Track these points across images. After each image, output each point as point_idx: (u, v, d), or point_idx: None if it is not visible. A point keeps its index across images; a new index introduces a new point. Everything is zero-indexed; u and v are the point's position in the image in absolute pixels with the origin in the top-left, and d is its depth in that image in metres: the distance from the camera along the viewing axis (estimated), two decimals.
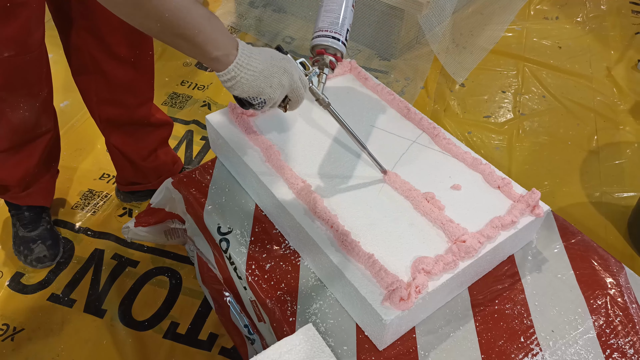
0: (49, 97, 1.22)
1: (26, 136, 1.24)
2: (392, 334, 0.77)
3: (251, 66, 0.74)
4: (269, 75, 0.76)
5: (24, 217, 1.41)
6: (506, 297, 0.85)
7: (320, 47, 0.88)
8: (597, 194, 1.64)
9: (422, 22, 1.89)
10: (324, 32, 0.88)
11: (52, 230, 1.44)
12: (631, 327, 0.82)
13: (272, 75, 0.76)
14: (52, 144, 1.33)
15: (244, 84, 0.75)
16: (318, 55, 0.88)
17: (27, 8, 0.99)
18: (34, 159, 1.29)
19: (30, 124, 1.21)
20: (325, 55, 0.88)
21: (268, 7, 2.41)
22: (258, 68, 0.75)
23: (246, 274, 0.88)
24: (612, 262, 0.92)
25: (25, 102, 1.15)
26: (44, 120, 1.25)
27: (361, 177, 0.93)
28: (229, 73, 0.73)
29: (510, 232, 0.83)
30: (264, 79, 0.76)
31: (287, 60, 0.79)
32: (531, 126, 1.88)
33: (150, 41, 1.23)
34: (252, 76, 0.74)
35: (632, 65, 2.17)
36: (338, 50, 0.88)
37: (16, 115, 1.16)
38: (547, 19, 2.44)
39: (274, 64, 0.77)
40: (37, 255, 1.39)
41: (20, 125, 1.19)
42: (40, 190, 1.38)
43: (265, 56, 0.76)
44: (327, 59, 0.88)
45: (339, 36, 0.88)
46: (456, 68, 2.08)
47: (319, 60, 0.88)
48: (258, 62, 0.75)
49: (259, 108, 0.80)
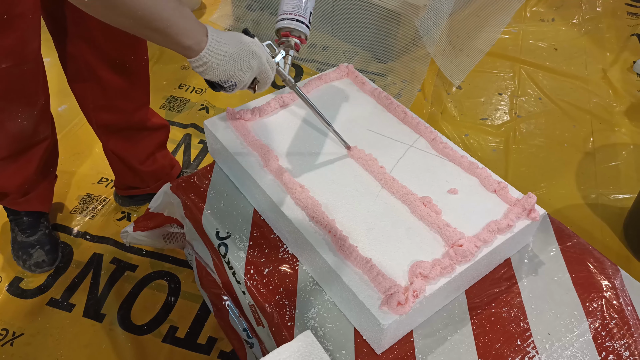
0: (46, 105, 1.22)
1: (24, 144, 1.24)
2: (390, 338, 0.77)
3: (221, 51, 0.77)
4: (238, 59, 0.79)
5: (22, 222, 1.41)
6: (503, 300, 0.86)
7: (285, 29, 0.92)
8: (593, 195, 1.65)
9: (418, 25, 1.90)
10: (288, 15, 0.92)
11: (50, 235, 1.44)
12: (627, 329, 0.83)
13: (242, 59, 0.79)
14: (50, 151, 1.34)
15: (215, 68, 0.77)
16: (283, 37, 0.92)
17: (23, 19, 1.00)
18: (33, 166, 1.30)
19: (28, 132, 1.22)
20: (291, 38, 0.92)
21: (265, 10, 2.41)
22: (228, 53, 0.77)
23: (245, 279, 0.89)
24: (608, 264, 0.93)
25: (23, 111, 1.16)
26: (42, 128, 1.25)
27: (359, 182, 0.93)
28: (201, 59, 0.76)
29: (507, 236, 0.84)
30: (234, 62, 0.78)
31: (255, 43, 0.82)
32: (527, 128, 1.89)
33: (144, 46, 1.23)
34: (222, 61, 0.77)
35: (628, 67, 2.18)
36: (302, 33, 0.92)
37: (14, 124, 1.17)
38: (543, 20, 2.45)
39: (243, 48, 0.79)
40: (36, 260, 1.39)
41: (19, 134, 1.20)
42: (38, 196, 1.38)
43: (234, 41, 0.79)
44: (292, 41, 0.92)
45: (302, 19, 0.92)
46: (453, 70, 2.08)
47: (284, 42, 0.92)
48: (228, 47, 0.77)
49: (230, 90, 0.83)
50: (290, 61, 0.91)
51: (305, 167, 0.95)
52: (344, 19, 2.17)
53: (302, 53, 2.20)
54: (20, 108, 1.15)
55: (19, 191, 1.33)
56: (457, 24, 2.35)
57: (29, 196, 1.36)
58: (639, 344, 0.81)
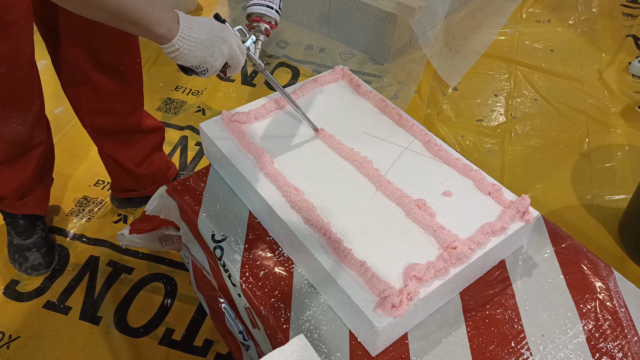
0: (41, 109, 1.23)
1: (20, 149, 1.25)
2: (385, 340, 0.78)
3: (193, 37, 0.79)
4: (209, 45, 0.81)
5: (18, 225, 1.41)
6: (497, 302, 0.87)
7: (255, 15, 0.95)
8: (588, 196, 1.65)
9: (414, 27, 1.91)
10: (259, 1, 0.95)
11: (46, 238, 1.44)
12: (620, 330, 0.83)
13: (213, 45, 0.81)
14: (46, 155, 1.34)
15: (187, 54, 0.80)
16: (254, 22, 0.95)
17: (16, 25, 1.00)
18: (29, 170, 1.30)
19: (24, 137, 1.22)
20: (261, 23, 0.95)
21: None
22: (199, 39, 0.79)
23: (240, 281, 0.89)
24: (602, 266, 0.93)
25: (18, 116, 1.16)
26: (37, 132, 1.26)
27: (354, 184, 0.94)
28: (173, 46, 0.78)
29: (501, 238, 0.85)
30: (205, 49, 0.80)
31: (225, 29, 0.84)
32: (523, 129, 1.89)
33: (137, 49, 1.24)
34: (194, 47, 0.79)
35: (623, 67, 2.19)
36: (272, 18, 0.96)
37: (9, 130, 1.17)
38: (539, 22, 2.46)
39: (214, 34, 0.81)
40: (32, 263, 1.39)
41: (14, 139, 1.20)
42: (35, 199, 1.38)
43: (205, 27, 0.81)
44: (262, 26, 0.95)
45: (272, 5, 0.95)
46: (449, 72, 2.09)
47: (254, 27, 0.95)
48: (199, 34, 0.79)
49: (202, 75, 0.85)
50: (261, 46, 0.94)
51: (300, 169, 0.96)
52: (341, 21, 2.17)
53: (299, 55, 2.20)
54: (15, 113, 1.15)
55: (16, 195, 1.33)
56: (453, 26, 2.35)
57: (25, 199, 1.36)
58: (632, 346, 0.82)
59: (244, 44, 0.90)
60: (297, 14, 2.31)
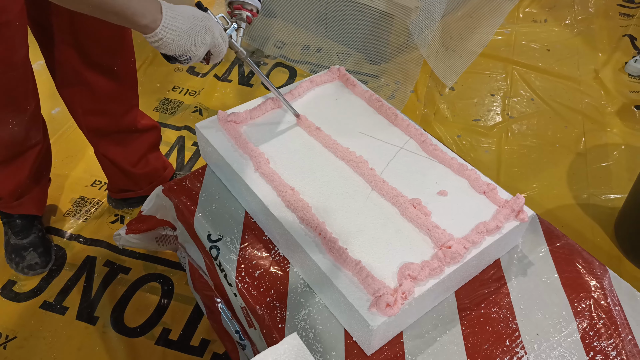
0: (37, 110, 1.23)
1: (16, 149, 1.25)
2: (380, 339, 0.78)
3: (176, 27, 0.80)
4: (192, 34, 0.81)
5: (15, 225, 1.41)
6: (492, 301, 0.87)
7: (237, 2, 0.96)
8: (584, 195, 1.66)
9: (411, 27, 1.91)
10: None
11: (43, 238, 1.44)
12: (614, 329, 0.84)
13: (196, 34, 0.82)
14: (42, 155, 1.34)
15: (170, 44, 0.81)
16: (236, 10, 0.96)
17: (10, 27, 1.00)
18: (25, 171, 1.30)
19: (20, 138, 1.22)
20: (242, 11, 0.96)
21: (259, 12, 2.42)
22: (182, 28, 0.80)
23: (236, 281, 0.89)
24: (597, 265, 0.94)
25: (13, 117, 1.16)
26: (33, 133, 1.26)
27: (349, 184, 0.94)
28: (156, 35, 0.79)
29: (495, 237, 0.85)
30: (188, 37, 0.81)
31: (208, 18, 0.85)
32: (520, 129, 1.90)
33: (131, 48, 1.24)
34: (177, 36, 0.80)
35: (620, 67, 2.19)
36: (254, 6, 0.96)
37: (5, 131, 1.17)
38: (536, 21, 2.46)
39: (197, 23, 0.82)
40: (29, 263, 1.39)
41: (10, 140, 1.20)
42: (32, 199, 1.38)
43: (188, 16, 0.81)
44: (244, 14, 0.96)
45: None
46: (446, 72, 2.09)
47: (236, 15, 0.96)
48: (182, 23, 0.80)
49: (185, 63, 0.86)
50: (243, 33, 0.95)
51: (295, 169, 0.96)
52: (337, 21, 2.18)
53: (296, 55, 2.20)
54: (10, 114, 1.16)
55: (13, 195, 1.33)
56: (450, 25, 2.36)
57: (23, 200, 1.36)
58: (626, 344, 0.82)
59: (225, 32, 0.91)
60: (294, 14, 2.32)
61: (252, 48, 2.23)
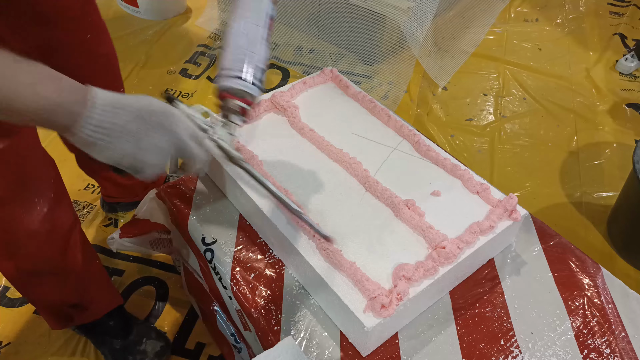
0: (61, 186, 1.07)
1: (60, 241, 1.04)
2: (375, 340, 0.78)
3: (108, 124, 0.57)
4: (137, 135, 0.59)
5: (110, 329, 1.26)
6: (486, 301, 0.87)
7: (224, 89, 0.74)
8: (577, 194, 1.67)
9: (403, 28, 1.91)
10: (227, 72, 0.73)
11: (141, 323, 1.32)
12: (607, 327, 0.84)
13: (143, 136, 0.59)
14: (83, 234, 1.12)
15: (102, 147, 0.58)
16: (222, 99, 0.75)
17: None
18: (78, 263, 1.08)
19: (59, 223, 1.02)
20: (233, 100, 0.73)
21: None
22: (117, 125, 0.58)
23: (231, 284, 0.89)
24: (590, 263, 0.94)
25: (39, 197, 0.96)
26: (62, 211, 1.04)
27: (343, 185, 0.94)
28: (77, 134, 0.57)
29: (489, 237, 0.85)
30: (130, 139, 0.59)
31: (168, 114, 0.62)
32: (512, 128, 1.91)
33: (119, 79, 1.21)
34: (109, 136, 0.58)
35: (611, 65, 2.21)
36: (247, 93, 0.74)
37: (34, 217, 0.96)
38: (527, 21, 2.48)
39: (147, 119, 0.60)
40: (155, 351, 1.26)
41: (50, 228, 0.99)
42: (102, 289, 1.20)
43: (132, 109, 0.59)
44: (235, 105, 0.74)
45: (247, 75, 0.74)
46: (438, 72, 2.10)
47: (222, 107, 0.75)
48: (120, 118, 0.58)
49: (139, 177, 0.63)
50: (236, 131, 0.74)
51: (289, 172, 0.96)
52: (330, 22, 2.18)
53: (288, 56, 2.20)
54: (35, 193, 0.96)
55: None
56: (442, 26, 2.37)
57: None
58: (619, 341, 0.83)
59: (207, 131, 0.70)
60: (286, 15, 2.32)
61: None
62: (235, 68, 0.73)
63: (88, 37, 1.07)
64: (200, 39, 2.29)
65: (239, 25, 0.75)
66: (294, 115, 1.05)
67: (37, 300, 1.12)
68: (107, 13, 2.42)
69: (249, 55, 0.73)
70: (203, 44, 2.26)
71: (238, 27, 0.75)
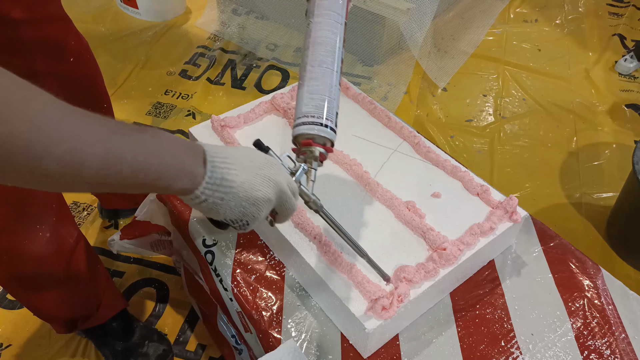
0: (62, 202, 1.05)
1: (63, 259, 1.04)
2: (376, 342, 0.78)
3: (226, 182, 0.56)
4: (250, 190, 0.58)
5: (113, 330, 1.27)
6: (487, 302, 0.87)
7: (305, 136, 0.73)
8: (577, 194, 1.67)
9: (403, 29, 1.91)
10: (309, 119, 0.73)
11: (143, 325, 1.32)
12: (608, 328, 0.84)
13: (255, 190, 0.59)
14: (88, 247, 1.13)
15: (219, 205, 0.57)
16: (304, 147, 0.73)
17: None
18: (84, 275, 1.09)
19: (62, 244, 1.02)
20: (314, 147, 0.72)
21: (251, 15, 2.42)
22: (236, 182, 0.57)
23: (232, 286, 0.89)
24: (590, 264, 0.94)
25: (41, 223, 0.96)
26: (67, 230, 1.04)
27: (343, 187, 0.94)
28: (198, 198, 0.56)
29: (489, 238, 0.85)
30: (244, 195, 0.58)
31: (271, 164, 0.62)
32: (512, 129, 1.91)
33: (105, 97, 1.22)
34: (227, 195, 0.57)
35: (610, 66, 2.21)
36: (328, 140, 0.74)
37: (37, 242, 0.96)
38: (527, 21, 2.48)
39: (257, 173, 0.59)
40: (157, 354, 1.27)
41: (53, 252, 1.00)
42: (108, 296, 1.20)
43: (243, 163, 0.59)
44: (316, 151, 0.72)
45: (328, 122, 0.73)
46: (438, 73, 2.10)
47: (305, 152, 0.73)
48: (235, 174, 0.57)
49: (240, 230, 0.63)
50: (315, 177, 0.72)
51: None
52: None
53: (288, 57, 2.20)
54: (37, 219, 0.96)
55: (93, 307, 1.16)
56: (442, 26, 2.37)
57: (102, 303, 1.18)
58: (619, 343, 0.83)
59: (293, 178, 0.68)
60: (286, 15, 2.32)
61: (244, 51, 2.23)
62: (318, 114, 0.73)
63: (71, 60, 1.08)
64: (200, 40, 2.29)
65: (316, 70, 0.76)
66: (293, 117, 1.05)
67: (45, 315, 1.12)
68: (107, 14, 2.42)
69: (328, 100, 0.75)
70: (203, 45, 2.26)
71: (316, 72, 0.76)
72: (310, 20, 0.81)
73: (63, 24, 1.06)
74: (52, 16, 1.02)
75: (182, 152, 0.53)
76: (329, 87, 0.75)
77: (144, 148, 0.49)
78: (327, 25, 0.79)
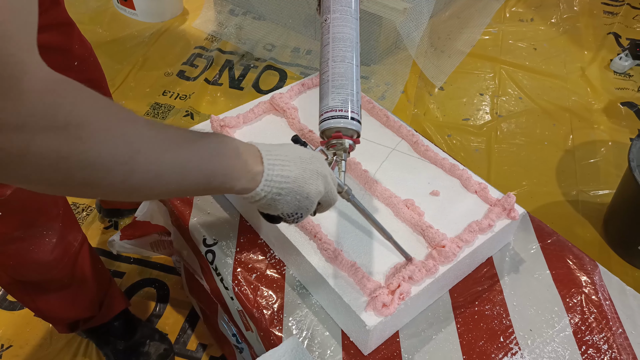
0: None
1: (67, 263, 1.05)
2: (377, 339, 0.79)
3: (282, 178, 0.60)
4: (303, 184, 0.61)
5: (115, 329, 1.27)
6: (486, 299, 0.88)
7: (335, 129, 0.76)
8: (573, 192, 1.68)
9: (400, 28, 1.92)
10: (337, 113, 0.76)
11: (143, 324, 1.33)
12: (605, 323, 0.85)
13: (308, 183, 0.62)
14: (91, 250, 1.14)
15: (277, 201, 0.60)
16: (335, 139, 0.76)
17: None
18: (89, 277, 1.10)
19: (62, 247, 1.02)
20: (344, 139, 0.76)
21: (248, 15, 2.42)
22: (290, 177, 0.60)
23: (232, 285, 0.90)
24: (587, 260, 0.95)
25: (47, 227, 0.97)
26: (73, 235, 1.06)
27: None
28: (258, 195, 0.59)
29: (488, 235, 0.86)
30: (299, 189, 0.61)
31: (316, 158, 0.65)
32: (508, 127, 1.92)
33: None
34: (284, 190, 0.60)
35: (605, 64, 2.23)
36: (355, 132, 0.77)
37: (43, 248, 0.97)
38: (523, 21, 2.49)
39: (306, 168, 0.62)
40: (158, 354, 1.27)
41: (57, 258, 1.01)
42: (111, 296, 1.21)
43: (294, 158, 0.62)
44: (346, 143, 0.76)
45: (354, 115, 0.77)
46: (435, 72, 2.11)
47: (335, 145, 0.76)
48: (289, 170, 0.60)
49: (292, 222, 0.66)
50: (345, 168, 0.76)
51: None
52: None
53: (286, 57, 2.21)
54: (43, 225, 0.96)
55: (95, 307, 1.17)
56: (439, 26, 2.38)
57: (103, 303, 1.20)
58: (617, 337, 0.84)
59: None
60: (283, 16, 2.33)
61: (241, 51, 2.24)
62: (345, 108, 0.76)
63: (75, 64, 1.09)
64: (197, 41, 2.29)
65: (339, 65, 0.79)
66: (293, 116, 1.06)
67: (49, 317, 1.13)
68: (104, 15, 2.42)
69: (352, 94, 0.78)
70: (200, 46, 2.26)
71: (339, 67, 0.79)
72: (327, 17, 0.84)
73: (68, 29, 1.06)
74: (57, 22, 1.02)
75: (244, 152, 0.57)
76: (352, 81, 0.78)
77: (213, 154, 0.53)
78: (345, 21, 0.82)
